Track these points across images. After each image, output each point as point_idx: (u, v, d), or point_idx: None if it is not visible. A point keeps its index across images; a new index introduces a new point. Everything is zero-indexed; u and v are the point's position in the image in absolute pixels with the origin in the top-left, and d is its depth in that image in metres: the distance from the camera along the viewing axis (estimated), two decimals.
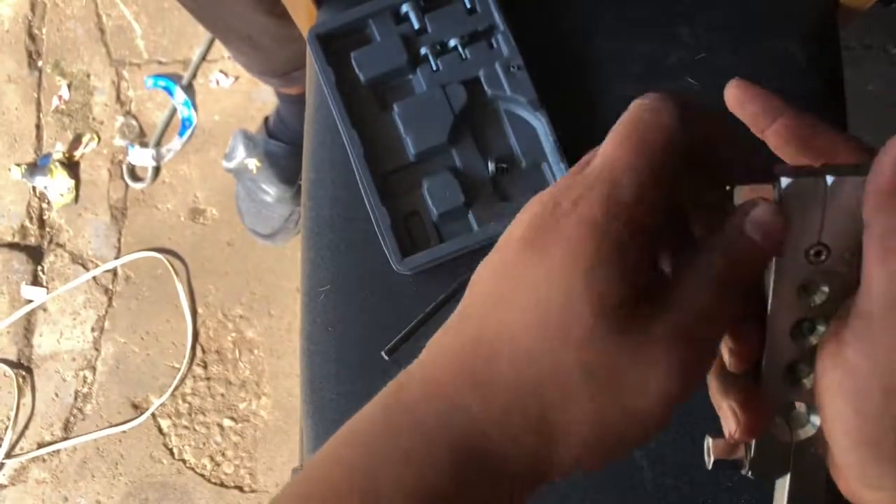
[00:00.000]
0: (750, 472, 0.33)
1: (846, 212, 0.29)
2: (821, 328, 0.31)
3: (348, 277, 0.75)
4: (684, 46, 0.76)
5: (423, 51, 0.74)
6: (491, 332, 0.29)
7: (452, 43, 0.74)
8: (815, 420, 0.32)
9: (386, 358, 0.45)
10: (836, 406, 0.28)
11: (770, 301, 0.31)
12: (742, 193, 0.32)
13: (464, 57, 0.74)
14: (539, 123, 0.73)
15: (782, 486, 0.34)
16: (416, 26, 0.74)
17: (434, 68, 0.74)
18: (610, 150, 0.29)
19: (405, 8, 0.74)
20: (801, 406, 0.33)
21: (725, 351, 0.32)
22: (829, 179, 0.29)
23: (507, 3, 0.74)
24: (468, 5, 0.75)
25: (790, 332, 0.31)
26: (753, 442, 0.33)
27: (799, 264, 0.30)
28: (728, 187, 0.33)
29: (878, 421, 0.27)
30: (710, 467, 0.34)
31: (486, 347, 0.29)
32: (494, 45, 0.74)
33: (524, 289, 0.28)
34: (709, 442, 0.34)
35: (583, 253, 0.27)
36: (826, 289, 0.30)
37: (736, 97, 0.33)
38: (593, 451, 0.28)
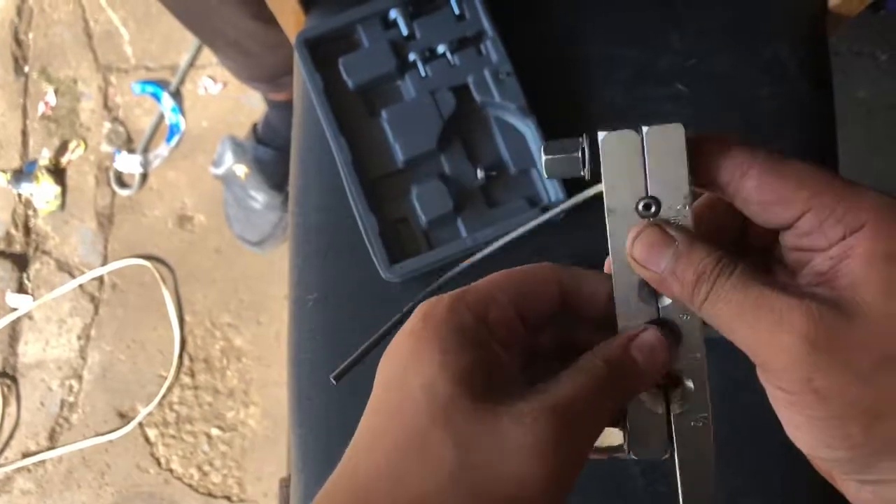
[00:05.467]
0: (630, 454, 0.32)
1: (668, 162, 0.30)
2: None
3: (336, 285, 0.74)
4: (675, 52, 0.76)
5: (411, 57, 0.74)
6: (369, 466, 0.29)
7: (441, 49, 0.74)
8: (689, 383, 0.32)
9: (334, 383, 0.44)
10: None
11: (612, 265, 0.31)
12: None
13: (452, 63, 0.74)
14: (528, 129, 0.72)
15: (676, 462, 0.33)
16: (405, 32, 0.74)
17: (423, 74, 0.74)
18: (481, 280, 0.32)
19: (394, 14, 0.74)
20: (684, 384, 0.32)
21: None
22: (644, 129, 0.30)
23: (496, 9, 0.74)
24: (457, 11, 0.74)
25: (638, 294, 0.31)
26: (630, 427, 0.32)
27: (632, 220, 0.31)
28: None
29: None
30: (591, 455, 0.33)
31: (352, 466, 0.29)
32: (483, 51, 0.74)
33: (395, 412, 0.29)
34: None
35: (431, 344, 0.29)
36: None
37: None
38: None
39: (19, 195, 1.46)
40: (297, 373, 0.74)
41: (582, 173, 0.31)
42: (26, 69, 1.52)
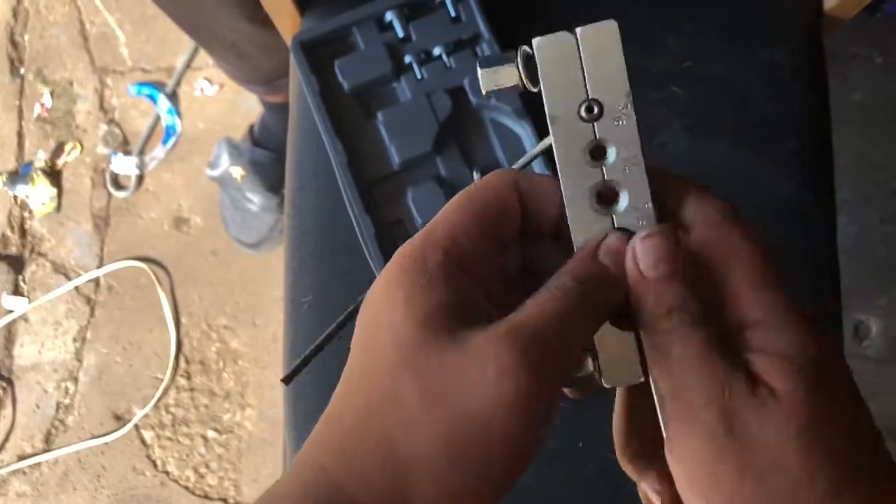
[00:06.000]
0: (604, 382, 0.31)
1: (606, 62, 0.30)
2: (624, 193, 0.30)
3: (332, 287, 0.74)
4: (670, 54, 0.76)
5: (407, 59, 0.74)
6: (343, 396, 0.30)
7: (437, 51, 0.74)
8: None
9: (284, 386, 0.44)
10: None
11: (561, 176, 0.30)
12: None
13: (448, 65, 0.74)
14: (523, 132, 0.72)
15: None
16: (401, 34, 0.74)
17: (418, 77, 0.74)
18: (445, 206, 0.31)
19: (389, 16, 0.74)
20: None
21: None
22: (578, 30, 0.30)
23: (492, 11, 0.74)
24: (453, 14, 0.74)
25: (590, 203, 0.30)
26: (600, 353, 0.30)
27: (576, 126, 0.30)
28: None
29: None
30: (570, 395, 0.32)
31: (336, 409, 0.29)
32: (479, 53, 0.74)
33: (370, 344, 0.29)
34: None
35: (401, 287, 0.28)
36: (613, 149, 0.30)
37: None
38: (448, 479, 0.27)
39: (15, 197, 1.46)
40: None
41: (520, 84, 0.31)
42: (22, 71, 1.52)
